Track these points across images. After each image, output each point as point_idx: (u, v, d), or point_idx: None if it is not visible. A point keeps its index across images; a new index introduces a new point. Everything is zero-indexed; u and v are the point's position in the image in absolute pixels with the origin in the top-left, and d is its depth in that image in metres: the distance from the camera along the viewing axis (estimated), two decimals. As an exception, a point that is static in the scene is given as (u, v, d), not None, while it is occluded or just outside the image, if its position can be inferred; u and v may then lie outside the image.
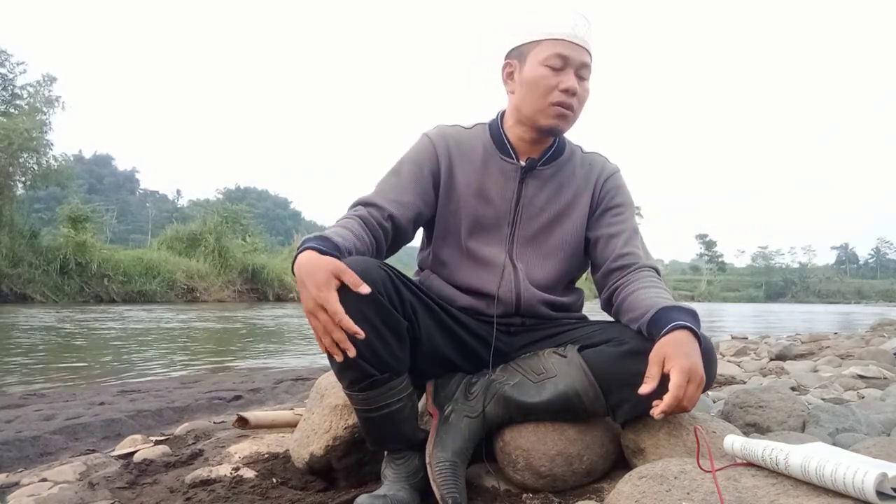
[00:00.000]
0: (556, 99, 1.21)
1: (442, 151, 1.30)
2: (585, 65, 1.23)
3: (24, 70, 19.59)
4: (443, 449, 1.12)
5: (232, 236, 21.36)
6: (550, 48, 1.20)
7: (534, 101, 1.23)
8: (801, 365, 3.27)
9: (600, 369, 1.12)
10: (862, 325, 10.91)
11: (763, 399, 1.46)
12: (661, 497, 0.83)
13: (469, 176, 1.30)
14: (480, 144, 1.32)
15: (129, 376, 3.92)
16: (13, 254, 15.08)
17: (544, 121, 1.23)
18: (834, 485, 0.72)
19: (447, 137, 1.32)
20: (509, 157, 1.30)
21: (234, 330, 8.32)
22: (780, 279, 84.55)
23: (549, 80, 1.20)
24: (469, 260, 1.30)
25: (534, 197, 1.30)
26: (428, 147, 1.31)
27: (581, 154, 1.37)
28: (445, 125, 1.36)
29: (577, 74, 1.22)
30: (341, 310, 0.97)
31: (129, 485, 1.41)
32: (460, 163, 1.31)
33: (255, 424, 1.73)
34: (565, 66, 1.20)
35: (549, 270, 1.31)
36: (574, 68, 1.21)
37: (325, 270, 0.99)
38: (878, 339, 5.19)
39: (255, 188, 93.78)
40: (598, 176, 1.34)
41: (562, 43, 1.20)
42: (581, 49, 1.21)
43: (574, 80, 1.21)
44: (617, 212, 1.32)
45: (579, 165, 1.35)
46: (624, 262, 1.26)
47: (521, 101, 1.25)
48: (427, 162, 1.30)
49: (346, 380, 1.10)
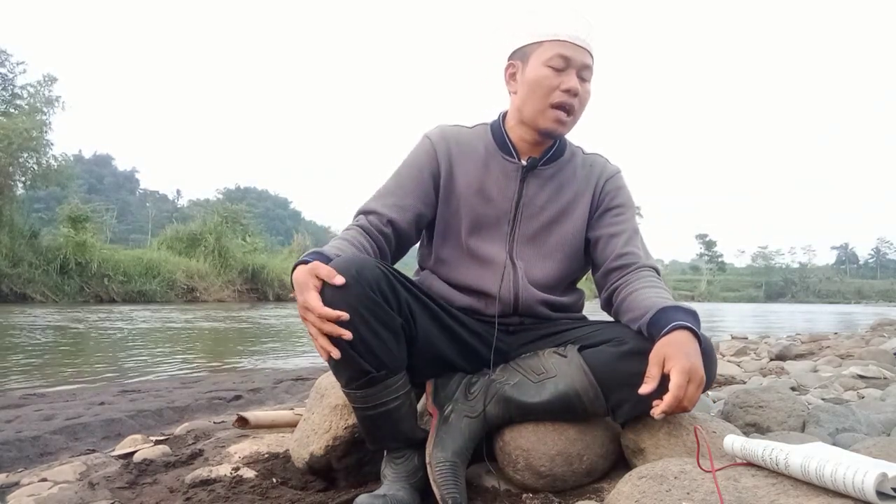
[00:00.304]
0: (557, 99, 1.22)
1: (442, 152, 1.32)
2: (587, 66, 1.24)
3: (25, 70, 19.70)
4: (443, 449, 1.12)
5: (232, 236, 21.39)
6: (553, 49, 1.21)
7: (535, 101, 1.24)
8: (801, 365, 3.27)
9: (600, 369, 1.12)
10: (862, 325, 10.91)
11: (763, 399, 1.46)
12: (661, 497, 0.83)
13: (470, 175, 1.31)
14: (482, 144, 1.33)
15: (129, 376, 3.92)
16: (13, 254, 15.09)
17: (544, 123, 1.25)
18: (834, 485, 0.72)
19: (448, 138, 1.33)
20: (511, 157, 1.31)
21: (233, 330, 8.32)
22: (780, 279, 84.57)
23: (551, 81, 1.21)
24: (469, 258, 1.31)
25: (534, 196, 1.31)
26: (428, 149, 1.32)
27: (582, 155, 1.38)
28: (447, 125, 1.37)
29: (579, 76, 1.23)
30: (319, 303, 1.00)
31: (129, 485, 1.41)
32: (461, 162, 1.32)
33: (255, 424, 1.73)
34: (567, 66, 1.21)
35: (549, 270, 1.31)
36: (576, 69, 1.22)
37: (305, 273, 1.03)
38: (878, 339, 5.19)
39: (255, 188, 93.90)
40: (599, 177, 1.35)
41: (564, 44, 1.21)
42: (583, 50, 1.22)
43: (576, 80, 1.22)
44: (618, 212, 1.33)
45: (580, 166, 1.35)
46: (624, 262, 1.27)
47: (523, 101, 1.26)
48: (427, 164, 1.31)
49: (343, 377, 1.11)
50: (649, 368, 1.02)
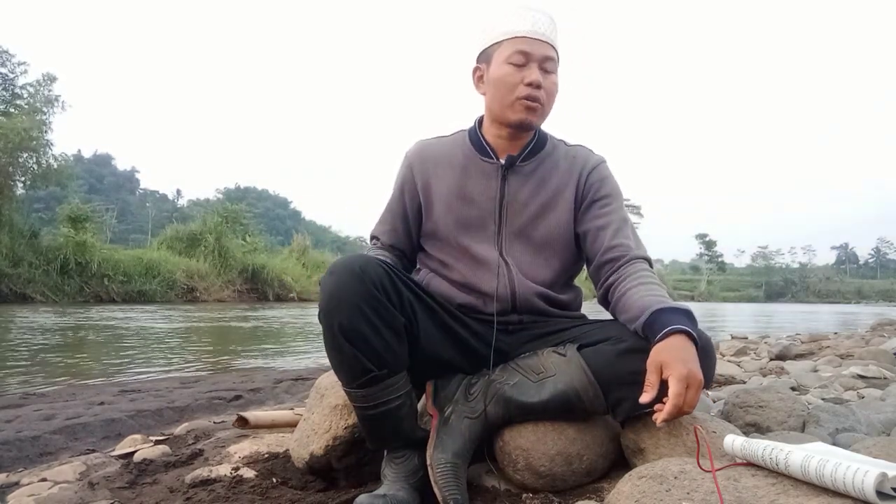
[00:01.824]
0: (521, 93, 1.25)
1: (418, 169, 1.37)
2: (549, 58, 1.26)
3: (26, 70, 19.64)
4: (443, 450, 1.13)
5: (232, 236, 21.37)
6: (512, 46, 1.25)
7: (501, 98, 1.27)
8: (801, 365, 3.27)
9: (599, 368, 1.12)
10: (862, 325, 10.91)
11: (763, 399, 1.46)
12: (661, 497, 0.83)
13: (450, 182, 1.34)
14: (460, 150, 1.36)
15: (129, 376, 3.92)
16: (13, 254, 15.08)
17: (513, 115, 1.27)
18: (834, 485, 0.72)
19: (424, 151, 1.39)
20: (489, 158, 1.33)
21: (233, 330, 8.32)
22: (780, 279, 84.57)
23: (513, 77, 1.25)
24: (464, 258, 1.32)
25: (517, 193, 1.31)
26: (405, 170, 1.39)
27: (565, 147, 1.38)
28: (426, 139, 1.43)
29: (542, 68, 1.25)
30: None
31: (129, 485, 1.41)
32: (440, 173, 1.35)
33: (255, 424, 1.73)
34: (528, 61, 1.24)
35: (541, 265, 1.31)
36: (537, 62, 1.25)
37: None
38: (878, 339, 5.19)
39: (255, 188, 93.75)
40: (583, 168, 1.35)
41: (522, 40, 1.25)
42: (542, 44, 1.25)
43: (537, 73, 1.24)
44: (604, 203, 1.32)
45: (563, 158, 1.36)
46: (614, 255, 1.26)
47: (492, 100, 1.30)
48: (406, 185, 1.39)
49: (345, 376, 1.12)
50: (648, 376, 1.02)
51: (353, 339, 1.06)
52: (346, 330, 1.06)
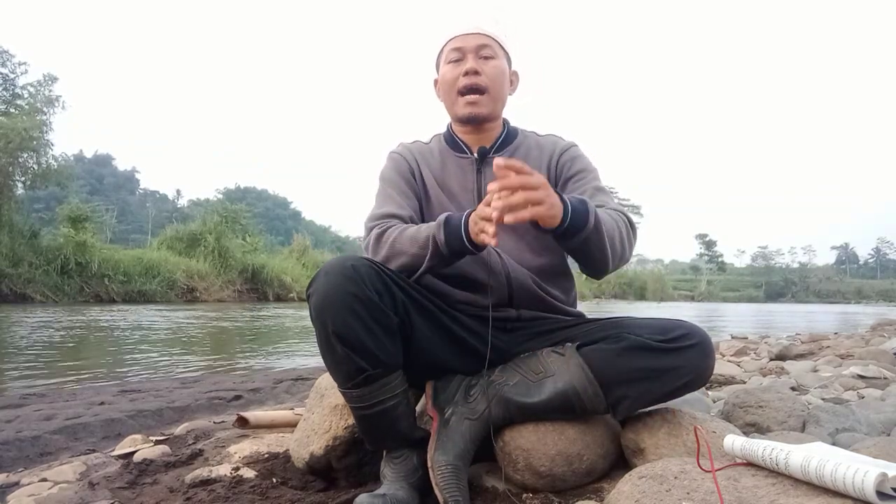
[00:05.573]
0: (460, 85, 1.33)
1: (411, 159, 1.42)
2: (483, 45, 1.33)
3: (26, 70, 19.66)
4: (444, 452, 1.12)
5: (232, 236, 21.37)
6: (448, 48, 1.35)
7: (448, 96, 1.37)
8: (801, 365, 3.27)
9: (599, 367, 1.13)
10: (862, 325, 10.92)
11: (763, 399, 1.46)
12: (661, 497, 0.83)
13: (433, 179, 1.39)
14: (437, 149, 1.44)
15: (129, 376, 3.92)
16: (13, 254, 15.08)
17: (460, 111, 1.35)
18: (834, 485, 0.72)
19: (410, 149, 1.45)
20: (463, 153, 1.39)
21: (234, 330, 8.32)
22: (780, 279, 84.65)
23: (452, 73, 1.34)
24: None
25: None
26: (399, 160, 1.43)
27: (536, 137, 1.44)
28: (405, 142, 1.48)
29: (480, 56, 1.32)
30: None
31: (129, 485, 1.41)
32: (424, 171, 1.41)
33: (255, 424, 1.74)
34: (463, 55, 1.33)
35: (529, 251, 1.33)
36: (471, 53, 1.32)
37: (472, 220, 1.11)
38: (878, 339, 5.20)
39: (254, 188, 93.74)
40: (553, 153, 1.40)
41: (455, 39, 1.34)
42: (475, 35, 1.33)
43: (472, 62, 1.31)
44: (577, 178, 1.35)
45: (534, 146, 1.41)
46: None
47: (444, 102, 1.40)
48: (405, 170, 1.41)
49: (340, 376, 1.12)
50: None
51: (346, 340, 1.06)
52: (339, 330, 1.06)
